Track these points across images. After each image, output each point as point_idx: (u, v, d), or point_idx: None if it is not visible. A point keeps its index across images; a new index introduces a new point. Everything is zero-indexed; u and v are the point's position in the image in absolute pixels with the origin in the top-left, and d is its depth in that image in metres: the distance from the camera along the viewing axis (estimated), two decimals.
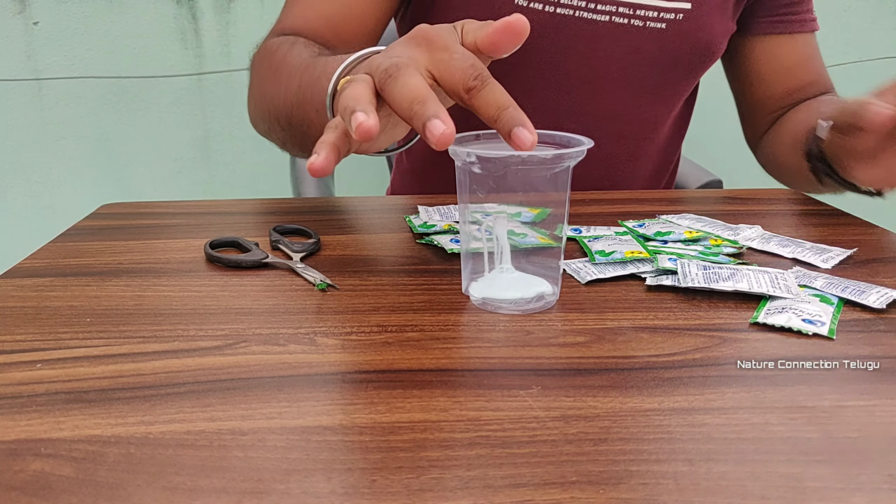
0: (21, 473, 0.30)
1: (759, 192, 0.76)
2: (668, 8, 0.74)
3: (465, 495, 0.29)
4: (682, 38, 0.76)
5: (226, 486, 0.29)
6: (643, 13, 0.74)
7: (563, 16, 0.74)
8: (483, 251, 0.47)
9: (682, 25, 0.75)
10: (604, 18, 0.74)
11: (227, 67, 1.53)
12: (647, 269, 0.52)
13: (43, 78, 1.50)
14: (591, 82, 0.77)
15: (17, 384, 0.37)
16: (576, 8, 0.73)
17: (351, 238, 0.61)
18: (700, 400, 0.36)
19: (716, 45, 0.79)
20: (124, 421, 0.34)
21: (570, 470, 0.30)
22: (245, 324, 0.44)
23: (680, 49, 0.77)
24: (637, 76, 0.78)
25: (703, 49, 0.78)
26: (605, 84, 0.77)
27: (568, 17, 0.74)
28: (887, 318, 0.45)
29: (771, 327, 0.44)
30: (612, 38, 0.75)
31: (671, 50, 0.77)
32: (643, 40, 0.75)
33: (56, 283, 0.51)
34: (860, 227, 0.64)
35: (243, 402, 0.35)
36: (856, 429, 0.33)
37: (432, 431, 0.33)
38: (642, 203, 0.71)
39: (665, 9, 0.74)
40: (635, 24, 0.74)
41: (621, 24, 0.74)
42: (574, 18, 0.74)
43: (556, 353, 0.41)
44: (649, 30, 0.75)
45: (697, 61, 0.79)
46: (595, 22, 0.74)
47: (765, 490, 0.29)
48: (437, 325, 0.44)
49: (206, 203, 0.72)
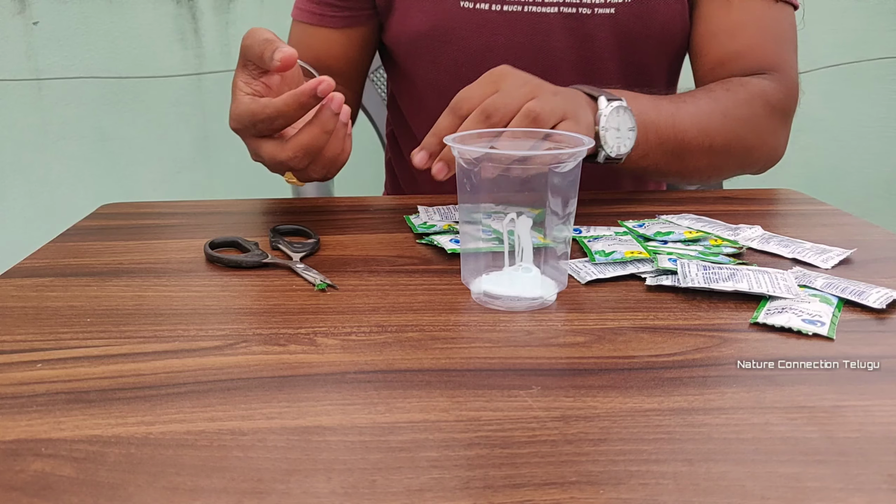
0: (21, 473, 0.30)
1: (759, 192, 0.76)
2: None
3: (465, 495, 0.29)
4: (636, 20, 0.75)
5: (226, 486, 0.29)
6: (590, 0, 0.74)
7: (512, 13, 0.74)
8: (498, 249, 0.47)
9: (633, 9, 0.74)
10: (552, 10, 0.74)
11: (227, 67, 1.53)
12: (647, 269, 0.52)
13: (43, 78, 1.50)
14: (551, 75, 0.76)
15: (17, 384, 0.37)
16: (523, 3, 0.74)
17: (351, 238, 0.61)
18: (700, 400, 0.36)
19: (673, 25, 0.77)
20: (124, 421, 0.34)
21: (570, 470, 0.30)
22: (245, 324, 0.44)
23: (635, 32, 0.76)
24: (596, 64, 0.77)
25: (659, 30, 0.76)
26: (564, 75, 0.77)
27: (517, 13, 0.74)
28: (887, 318, 0.45)
29: (771, 327, 0.44)
30: (564, 30, 0.75)
31: (626, 34, 0.76)
32: (595, 28, 0.75)
33: (56, 283, 0.51)
34: (860, 227, 0.64)
35: (243, 402, 0.35)
36: (855, 429, 0.33)
37: (432, 431, 0.33)
38: (642, 203, 0.71)
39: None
40: (583, 11, 0.74)
41: (570, 13, 0.74)
42: (523, 14, 0.74)
43: (556, 353, 0.41)
44: (599, 16, 0.75)
45: (657, 43, 0.78)
46: (545, 15, 0.74)
47: (764, 490, 0.29)
48: (437, 325, 0.44)
49: (206, 203, 0.72)
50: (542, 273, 0.47)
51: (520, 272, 0.47)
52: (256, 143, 0.58)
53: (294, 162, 0.56)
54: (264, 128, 0.56)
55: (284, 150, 0.56)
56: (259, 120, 0.55)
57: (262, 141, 0.58)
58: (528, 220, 0.45)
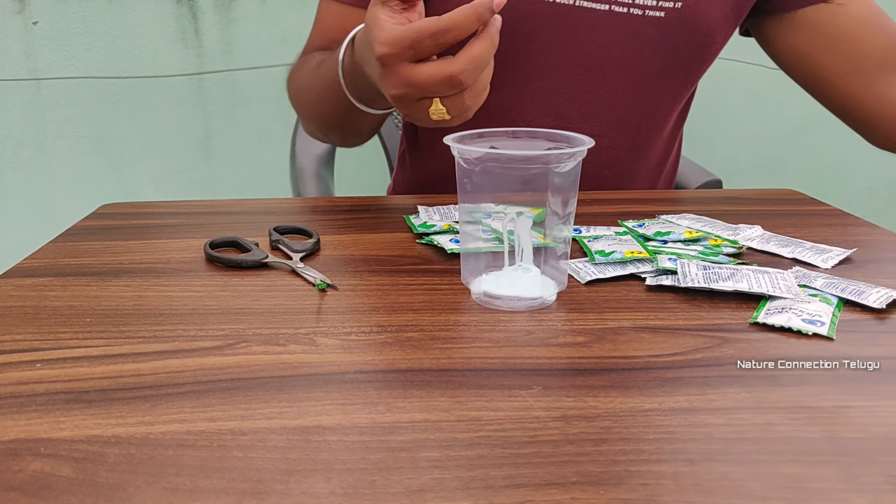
0: (21, 473, 0.30)
1: (759, 192, 0.76)
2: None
3: (465, 495, 0.28)
4: (681, 25, 0.76)
5: (226, 487, 0.29)
6: (642, 2, 0.75)
7: (563, 5, 0.74)
8: (498, 249, 0.47)
9: (681, 13, 0.76)
10: (603, 7, 0.75)
11: (228, 67, 1.53)
12: (647, 269, 0.52)
13: (42, 78, 1.50)
14: (592, 70, 0.77)
15: (16, 384, 0.37)
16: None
17: (351, 238, 0.61)
18: (701, 400, 0.36)
19: (713, 35, 0.79)
20: (124, 421, 0.34)
21: (571, 470, 0.30)
22: (245, 324, 0.44)
23: (678, 37, 0.77)
24: (638, 63, 0.78)
25: (700, 38, 0.78)
26: (605, 71, 0.78)
27: (567, 6, 0.74)
28: (887, 318, 0.45)
29: (771, 327, 0.44)
30: (611, 27, 0.76)
31: (670, 38, 0.77)
32: (642, 28, 0.76)
33: (56, 283, 0.51)
34: (860, 227, 0.64)
35: (243, 402, 0.35)
36: (858, 429, 0.33)
37: (432, 431, 0.33)
38: (642, 203, 0.71)
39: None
40: (634, 12, 0.75)
41: (620, 13, 0.75)
42: (573, 8, 0.75)
43: (556, 353, 0.41)
44: (648, 18, 0.75)
45: (696, 50, 0.79)
46: (595, 11, 0.75)
47: (767, 490, 0.29)
48: (437, 325, 0.44)
49: (206, 203, 0.72)
50: (542, 273, 0.47)
51: (520, 272, 0.47)
52: (409, 69, 0.54)
53: (465, 75, 0.53)
54: (430, 44, 0.52)
55: (455, 63, 0.52)
56: (428, 34, 0.52)
57: (419, 64, 0.54)
58: (528, 220, 0.45)
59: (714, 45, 0.80)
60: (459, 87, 0.53)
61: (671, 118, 0.86)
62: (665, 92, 0.81)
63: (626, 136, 0.82)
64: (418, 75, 0.54)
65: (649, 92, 0.80)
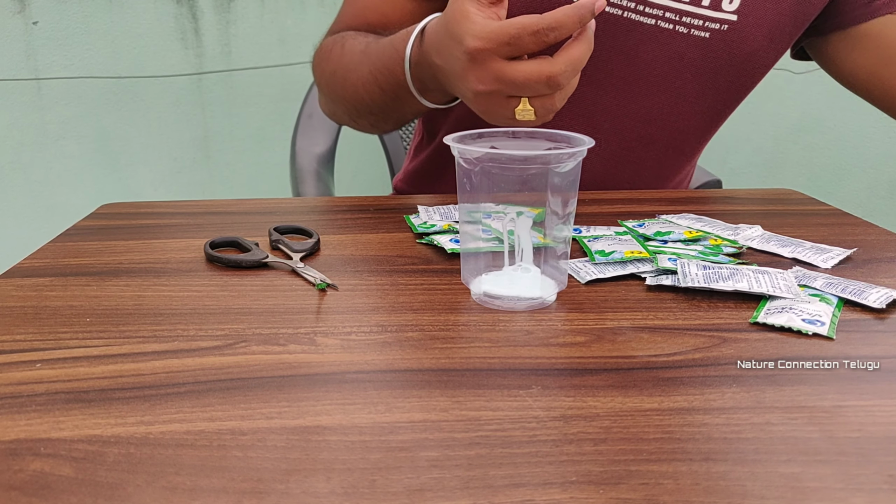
0: (21, 473, 0.30)
1: (759, 192, 0.76)
2: (714, 18, 0.74)
3: (465, 495, 0.28)
4: (724, 48, 0.75)
5: (226, 486, 0.29)
6: (689, 20, 0.74)
7: (611, 15, 0.74)
8: (498, 249, 0.47)
9: (726, 36, 0.75)
10: (650, 21, 0.74)
11: (227, 67, 1.53)
12: (647, 269, 0.52)
13: (42, 77, 1.50)
14: (631, 83, 0.76)
15: (16, 384, 0.37)
16: (624, 8, 0.73)
17: (351, 238, 0.61)
18: (700, 400, 0.36)
19: (757, 60, 0.77)
20: (124, 421, 0.34)
21: (571, 470, 0.30)
22: (245, 324, 0.44)
23: (721, 60, 0.76)
24: (677, 82, 0.77)
25: (742, 62, 0.76)
26: (644, 86, 0.77)
27: (615, 16, 0.74)
28: (887, 318, 0.45)
29: (771, 327, 0.44)
30: (656, 42, 0.75)
31: (713, 60, 0.76)
32: (687, 47, 0.75)
33: (56, 283, 0.51)
34: (860, 227, 0.64)
35: (243, 402, 0.35)
36: (856, 429, 0.33)
37: (432, 431, 0.33)
38: (642, 203, 0.71)
39: (711, 18, 0.74)
40: (680, 30, 0.74)
41: (666, 28, 0.74)
42: (621, 19, 0.74)
43: (556, 352, 0.41)
44: (693, 38, 0.74)
45: (737, 74, 0.78)
46: (641, 24, 0.74)
47: (764, 490, 0.29)
48: (437, 325, 0.44)
49: (206, 203, 0.72)
50: (542, 273, 0.47)
51: (520, 272, 0.47)
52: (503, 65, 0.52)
53: (563, 77, 0.52)
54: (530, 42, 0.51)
55: (556, 64, 0.51)
56: (530, 32, 0.51)
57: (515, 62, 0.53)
58: (528, 220, 0.45)
59: (757, 72, 0.79)
60: (556, 88, 0.52)
61: (702, 143, 0.85)
62: (699, 116, 0.80)
63: (653, 153, 0.81)
64: (514, 73, 0.52)
65: (683, 114, 0.79)
